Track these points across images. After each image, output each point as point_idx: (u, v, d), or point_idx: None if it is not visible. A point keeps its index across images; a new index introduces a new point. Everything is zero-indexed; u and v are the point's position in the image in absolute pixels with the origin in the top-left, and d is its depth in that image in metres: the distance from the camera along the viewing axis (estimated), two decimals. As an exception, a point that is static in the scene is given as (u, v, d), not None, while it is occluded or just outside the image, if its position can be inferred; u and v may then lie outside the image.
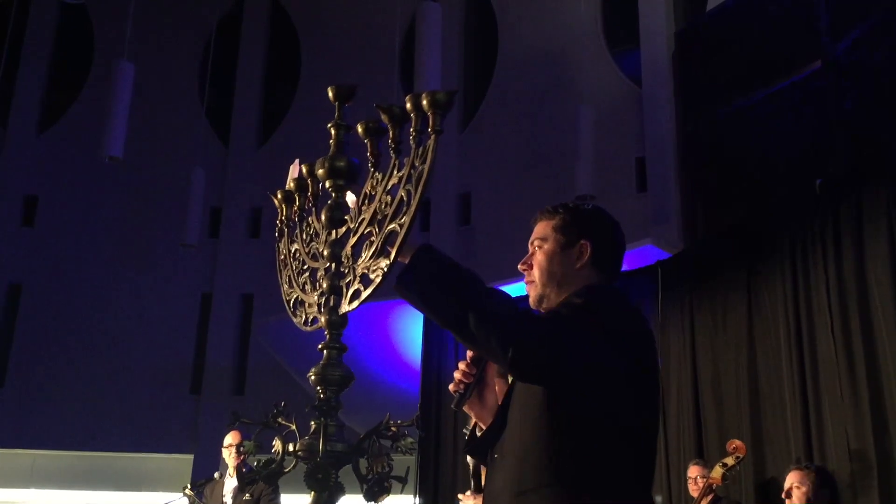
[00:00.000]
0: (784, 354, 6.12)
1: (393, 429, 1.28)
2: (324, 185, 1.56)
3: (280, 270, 1.59)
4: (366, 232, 1.32)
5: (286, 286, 1.57)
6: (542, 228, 2.08)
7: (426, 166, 1.20)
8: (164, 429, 12.09)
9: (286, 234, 1.62)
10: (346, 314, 1.37)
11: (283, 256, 1.61)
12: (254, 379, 12.40)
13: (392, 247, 1.28)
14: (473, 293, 1.64)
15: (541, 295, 2.01)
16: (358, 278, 1.31)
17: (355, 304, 1.31)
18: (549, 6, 11.99)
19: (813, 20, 6.92)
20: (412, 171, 1.25)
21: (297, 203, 1.58)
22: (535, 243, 2.07)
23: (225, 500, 5.33)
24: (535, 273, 2.03)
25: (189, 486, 5.26)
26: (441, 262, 1.56)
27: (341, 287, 1.35)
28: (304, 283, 1.52)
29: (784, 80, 7.22)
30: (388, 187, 1.31)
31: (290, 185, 1.60)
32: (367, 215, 1.33)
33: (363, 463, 1.31)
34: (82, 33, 14.01)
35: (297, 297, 1.53)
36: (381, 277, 1.26)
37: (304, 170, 1.53)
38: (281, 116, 13.57)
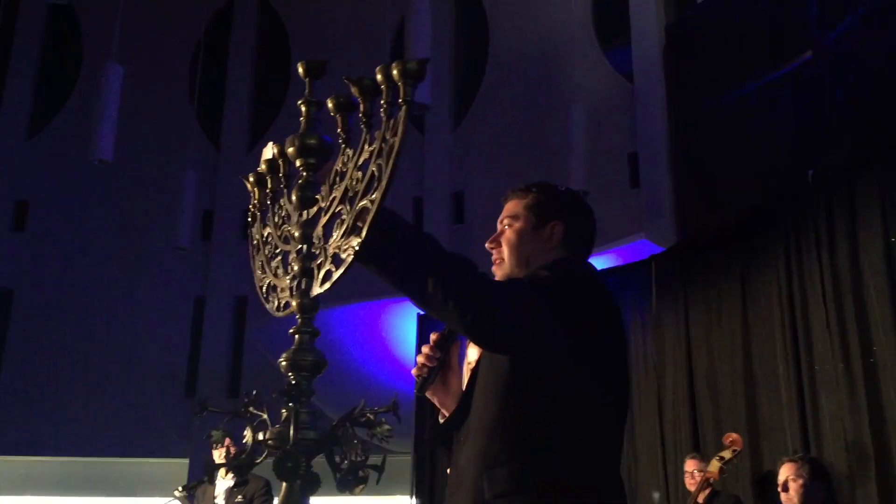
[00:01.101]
0: (779, 347, 6.10)
1: (369, 416, 1.22)
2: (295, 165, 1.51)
3: (252, 257, 1.54)
4: (337, 210, 1.27)
5: (259, 272, 1.51)
6: (513, 206, 2.04)
7: (397, 139, 1.15)
8: (159, 433, 12.01)
9: (258, 218, 1.56)
10: (317, 297, 1.31)
11: (255, 242, 1.56)
12: (248, 382, 12.32)
13: (363, 224, 1.22)
14: (432, 257, 1.60)
15: (508, 275, 1.97)
16: (329, 259, 1.25)
17: (327, 285, 1.26)
18: (540, 3, 11.95)
19: (803, 10, 6.89)
20: (383, 145, 1.20)
21: (270, 185, 1.52)
22: (506, 221, 2.03)
23: (217, 501, 5.28)
24: (505, 251, 2.00)
25: (181, 489, 5.21)
26: (400, 227, 1.52)
27: (312, 269, 1.30)
28: (277, 267, 1.46)
29: (775, 71, 7.19)
30: (360, 163, 1.26)
31: (262, 167, 1.54)
32: (338, 193, 1.28)
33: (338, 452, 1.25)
34: (70, 36, 13.93)
35: (269, 283, 1.48)
36: (352, 257, 1.20)
37: (275, 150, 1.47)
38: (272, 118, 13.50)
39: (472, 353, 2.48)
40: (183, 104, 13.27)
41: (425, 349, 2.07)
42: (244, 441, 1.32)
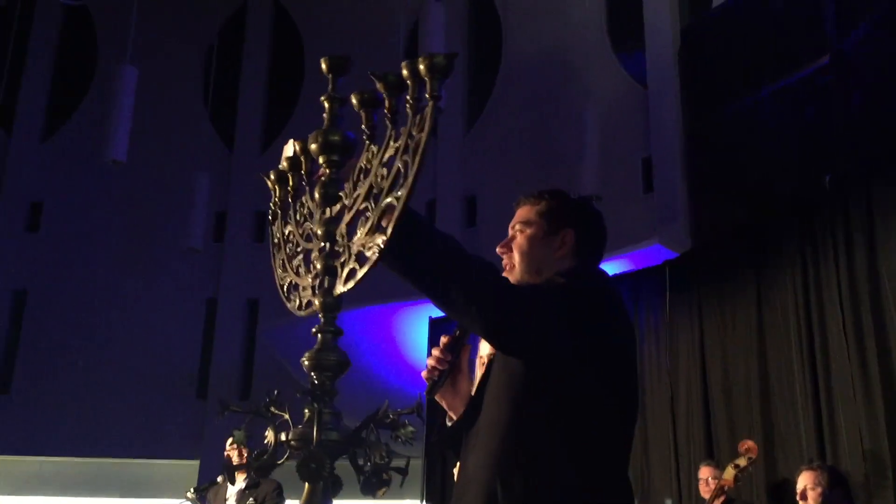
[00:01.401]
0: (795, 353, 6.05)
1: (392, 417, 1.20)
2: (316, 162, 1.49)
3: (273, 255, 1.52)
4: (361, 208, 1.25)
5: (279, 270, 1.50)
6: (525, 212, 2.05)
7: (423, 135, 1.13)
8: (170, 434, 12.03)
9: (279, 216, 1.54)
10: (340, 296, 1.29)
11: (276, 240, 1.54)
12: (260, 384, 12.33)
13: (388, 221, 1.20)
14: (455, 258, 1.59)
15: (518, 281, 1.98)
16: (353, 257, 1.23)
17: (351, 283, 1.24)
18: (553, 7, 11.92)
19: (819, 15, 6.84)
20: (409, 142, 1.18)
21: (291, 183, 1.50)
22: (517, 227, 2.04)
23: (228, 503, 5.26)
24: (516, 257, 2.01)
25: (192, 490, 5.19)
26: (422, 226, 1.50)
27: (336, 267, 1.27)
28: (298, 265, 1.44)
29: (790, 76, 7.14)
30: (385, 160, 1.24)
31: (283, 164, 1.52)
32: (362, 190, 1.26)
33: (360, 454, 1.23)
34: (85, 38, 13.99)
35: (290, 282, 1.46)
36: (377, 255, 1.18)
37: (297, 147, 1.45)
38: (285, 120, 13.52)
39: (484, 347, 2.47)
40: (196, 105, 13.30)
41: (436, 352, 2.06)
42: (265, 441, 1.29)
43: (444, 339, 2.05)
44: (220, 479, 5.60)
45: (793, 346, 6.07)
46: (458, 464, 2.79)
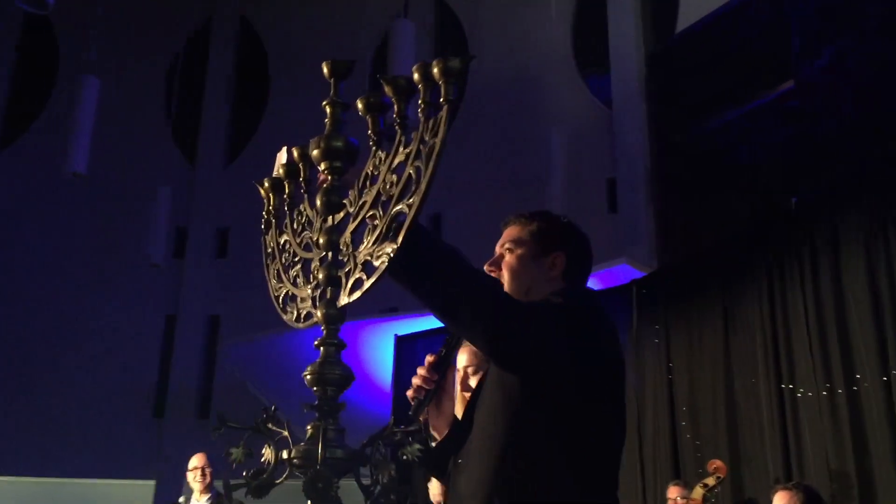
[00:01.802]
0: (762, 373, 6.07)
1: (399, 435, 1.15)
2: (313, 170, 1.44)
3: (267, 265, 1.46)
4: (368, 216, 1.20)
5: (274, 281, 1.44)
6: (515, 232, 2.04)
7: (438, 140, 1.09)
8: (126, 453, 11.74)
9: (274, 225, 1.49)
10: (343, 307, 1.24)
11: (270, 250, 1.48)
12: (219, 402, 12.11)
13: (398, 230, 1.15)
14: (459, 270, 1.57)
15: None
16: (359, 266, 1.18)
17: (357, 294, 1.19)
18: (520, 29, 12.02)
19: (784, 43, 6.96)
20: (421, 147, 1.13)
21: (288, 190, 1.45)
22: (507, 246, 2.03)
23: (191, 525, 5.12)
24: (505, 276, 2.00)
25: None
26: (427, 237, 1.48)
27: (339, 277, 1.22)
28: (296, 276, 1.39)
29: (756, 100, 7.24)
30: (394, 166, 1.19)
31: (278, 171, 1.47)
32: (368, 198, 1.21)
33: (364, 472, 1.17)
34: (45, 47, 13.75)
35: (287, 292, 1.40)
36: (386, 264, 1.13)
37: (294, 153, 1.40)
38: (249, 135, 13.39)
39: (461, 360, 2.42)
40: (158, 119, 13.13)
41: (421, 371, 2.01)
42: (263, 460, 1.23)
43: (429, 359, 2.00)
44: (180, 500, 5.46)
45: (759, 365, 6.10)
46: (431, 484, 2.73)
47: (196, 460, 5.50)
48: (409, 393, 1.96)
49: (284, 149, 1.55)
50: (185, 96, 12.39)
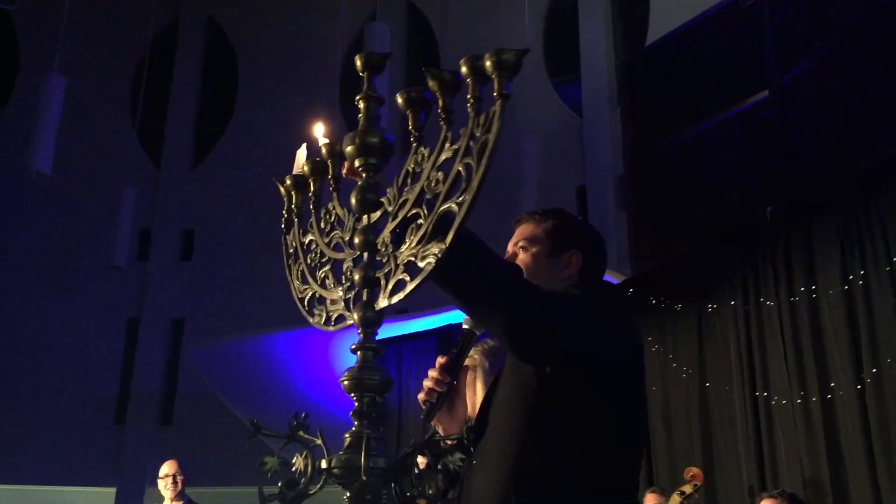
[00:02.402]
0: (736, 381, 6.12)
1: (444, 443, 1.10)
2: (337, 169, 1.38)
3: (289, 266, 1.40)
4: (410, 214, 1.15)
5: (298, 282, 1.37)
6: (529, 229, 2.00)
7: (491, 135, 1.04)
8: (86, 460, 11.47)
9: (296, 224, 1.43)
10: (381, 310, 1.19)
11: (292, 250, 1.42)
12: (182, 408, 11.91)
13: (445, 228, 1.11)
14: (485, 258, 1.52)
15: None
16: (401, 267, 1.13)
17: (399, 296, 1.13)
18: (491, 35, 12.00)
19: (759, 52, 7.02)
20: (471, 143, 1.09)
21: (313, 188, 1.39)
22: (521, 244, 1.98)
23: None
24: None
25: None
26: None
27: (378, 279, 1.17)
28: (324, 277, 1.33)
29: (731, 109, 7.29)
30: (439, 163, 1.14)
31: (302, 168, 1.41)
32: (410, 196, 1.16)
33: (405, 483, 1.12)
34: (8, 44, 13.44)
35: (314, 294, 1.34)
36: (433, 265, 1.08)
37: (324, 149, 1.35)
38: (216, 138, 13.22)
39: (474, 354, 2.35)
40: (124, 119, 12.90)
41: (433, 373, 1.96)
42: (293, 469, 1.17)
43: (441, 360, 1.95)
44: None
45: (734, 374, 6.14)
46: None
47: (167, 467, 5.38)
48: (421, 396, 1.91)
49: (304, 146, 1.49)
50: (151, 97, 12.17)
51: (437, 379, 1.92)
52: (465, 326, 1.94)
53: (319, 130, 1.43)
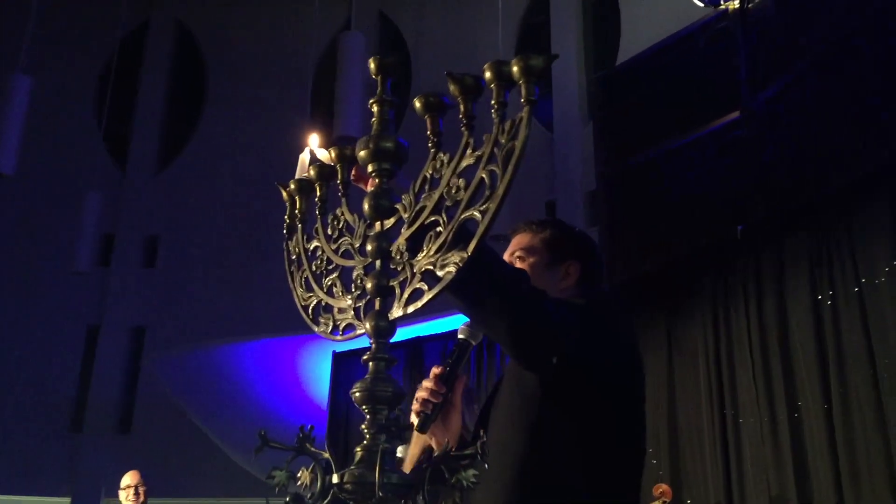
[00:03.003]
0: (705, 398, 6.15)
1: (461, 458, 1.06)
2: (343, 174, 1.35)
3: (292, 273, 1.36)
4: (428, 222, 1.11)
5: (301, 290, 1.33)
6: (526, 240, 1.99)
7: (518, 142, 1.01)
8: (40, 469, 11.20)
9: (300, 229, 1.38)
10: (395, 320, 1.15)
11: (295, 256, 1.37)
12: (141, 417, 11.68)
13: (467, 237, 1.07)
14: (492, 263, 1.51)
15: None
16: (418, 275, 1.09)
17: (415, 305, 1.10)
18: (462, 49, 12.04)
19: (731, 72, 7.09)
20: (496, 150, 1.06)
21: (319, 193, 1.35)
22: (517, 254, 1.97)
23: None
24: None
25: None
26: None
27: (393, 287, 1.13)
28: (331, 284, 1.29)
29: (703, 128, 7.35)
30: (460, 169, 1.11)
31: (308, 172, 1.37)
32: (429, 203, 1.12)
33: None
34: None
35: (319, 302, 1.30)
36: (452, 274, 1.05)
37: (332, 153, 1.31)
38: (183, 143, 13.05)
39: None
40: (89, 122, 12.69)
41: (427, 384, 1.91)
42: (299, 483, 1.13)
43: (436, 370, 1.91)
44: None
45: (702, 391, 6.17)
46: None
47: (129, 478, 5.26)
48: (415, 407, 1.86)
49: (308, 149, 1.45)
50: (118, 99, 11.99)
51: (432, 389, 1.88)
52: (460, 336, 1.91)
53: (314, 141, 1.40)
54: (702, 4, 7.07)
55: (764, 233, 6.14)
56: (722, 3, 6.89)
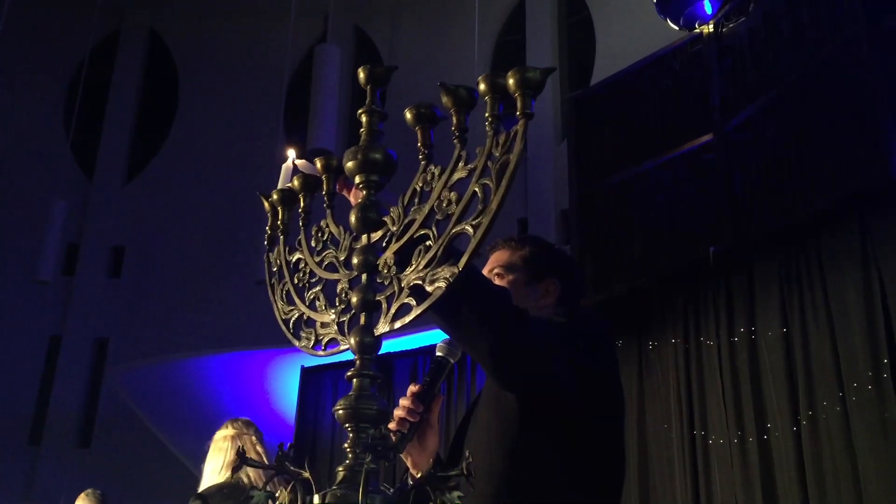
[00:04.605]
0: (675, 419, 6.15)
1: (446, 479, 1.03)
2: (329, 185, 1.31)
3: (272, 286, 1.32)
4: (418, 236, 1.08)
5: (282, 303, 1.29)
6: (505, 256, 1.97)
7: (513, 155, 0.99)
8: (-4, 483, 10.94)
9: (281, 241, 1.35)
10: (380, 335, 1.11)
11: (275, 269, 1.34)
12: (102, 431, 11.46)
13: (458, 251, 1.04)
14: (474, 280, 1.49)
15: None
16: (406, 290, 1.06)
17: (403, 321, 1.06)
18: (438, 65, 12.06)
19: (705, 96, 7.16)
20: (489, 163, 1.03)
21: (303, 204, 1.31)
22: (496, 272, 1.95)
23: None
24: None
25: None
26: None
27: (379, 302, 1.10)
28: (313, 298, 1.25)
29: (675, 150, 7.41)
30: (451, 182, 1.09)
31: (292, 183, 1.34)
32: (418, 216, 1.09)
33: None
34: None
35: (300, 316, 1.26)
36: (443, 290, 1.02)
37: (318, 164, 1.28)
38: (151, 153, 12.91)
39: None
40: (57, 130, 12.51)
41: (405, 402, 1.88)
42: (277, 503, 1.08)
43: (412, 389, 1.88)
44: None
45: (672, 412, 6.18)
46: None
47: (82, 500, 5.13)
48: (392, 426, 1.83)
49: (290, 159, 1.42)
50: (87, 107, 11.83)
51: (409, 408, 1.85)
52: (438, 354, 1.88)
53: (292, 155, 1.37)
54: (676, 27, 7.14)
55: (735, 255, 6.18)
56: (697, 26, 6.96)
